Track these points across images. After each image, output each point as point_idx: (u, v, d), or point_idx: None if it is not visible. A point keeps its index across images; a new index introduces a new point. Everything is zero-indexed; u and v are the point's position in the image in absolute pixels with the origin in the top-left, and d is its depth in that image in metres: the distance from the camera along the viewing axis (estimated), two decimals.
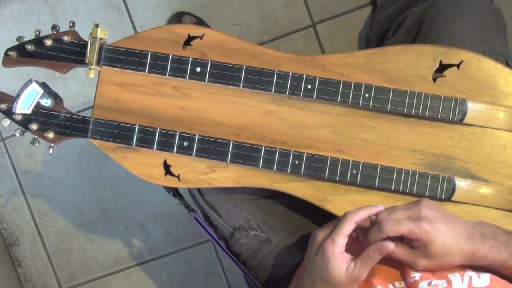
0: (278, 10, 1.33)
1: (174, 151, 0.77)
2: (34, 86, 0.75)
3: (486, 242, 0.65)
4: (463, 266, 0.66)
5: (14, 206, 1.40)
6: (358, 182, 0.75)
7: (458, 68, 0.75)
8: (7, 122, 0.78)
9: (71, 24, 0.79)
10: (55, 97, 0.78)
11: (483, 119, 0.75)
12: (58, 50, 0.78)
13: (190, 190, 0.90)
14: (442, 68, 0.76)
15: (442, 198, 0.75)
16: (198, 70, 0.77)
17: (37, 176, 1.39)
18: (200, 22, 1.32)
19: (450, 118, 0.75)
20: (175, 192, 0.89)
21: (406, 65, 0.76)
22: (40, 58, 0.78)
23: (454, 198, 0.75)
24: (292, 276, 0.80)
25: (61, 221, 1.40)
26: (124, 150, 0.78)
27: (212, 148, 0.77)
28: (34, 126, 0.78)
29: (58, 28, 0.78)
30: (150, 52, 0.77)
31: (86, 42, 0.78)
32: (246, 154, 0.76)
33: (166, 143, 0.77)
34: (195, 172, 0.78)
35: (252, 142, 0.77)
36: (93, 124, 0.78)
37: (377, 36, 1.12)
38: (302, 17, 1.34)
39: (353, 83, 0.75)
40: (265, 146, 0.76)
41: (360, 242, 0.70)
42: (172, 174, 0.78)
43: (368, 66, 0.77)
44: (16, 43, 0.79)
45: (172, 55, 0.77)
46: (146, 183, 0.80)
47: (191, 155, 0.77)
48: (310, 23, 1.34)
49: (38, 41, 0.78)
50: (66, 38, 0.78)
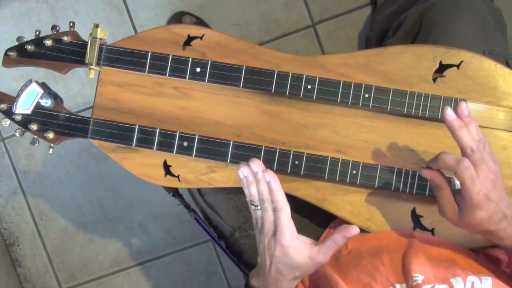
0: (278, 10, 1.33)
1: (174, 151, 0.77)
2: (34, 86, 0.75)
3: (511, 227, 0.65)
4: (466, 270, 0.66)
5: (14, 206, 1.40)
6: (358, 182, 0.75)
7: (458, 68, 0.75)
8: (7, 122, 0.78)
9: (71, 24, 0.79)
10: (55, 97, 0.78)
11: (483, 119, 0.75)
12: (58, 50, 0.78)
13: (190, 190, 0.90)
14: (442, 68, 0.76)
15: None
16: (198, 70, 0.77)
17: (37, 176, 1.39)
18: (200, 22, 1.32)
19: None
20: (175, 192, 0.89)
21: (406, 65, 0.76)
22: (40, 58, 0.78)
23: None
24: None
25: (61, 221, 1.40)
26: (124, 150, 0.78)
27: (212, 148, 0.77)
28: (34, 126, 0.78)
29: (58, 28, 0.78)
30: (150, 52, 0.77)
31: (86, 42, 0.78)
32: (246, 154, 0.76)
33: (166, 143, 0.77)
34: (195, 172, 0.78)
35: (252, 142, 0.77)
36: (93, 124, 0.78)
37: (377, 36, 1.12)
38: (302, 17, 1.34)
39: (353, 83, 0.75)
40: (265, 146, 0.76)
41: None
42: (172, 174, 0.78)
43: (368, 66, 0.77)
44: (16, 43, 0.79)
45: (172, 55, 0.77)
46: (146, 183, 0.80)
47: (191, 155, 0.77)
48: (310, 23, 1.34)
49: (38, 41, 0.78)
50: (66, 38, 0.78)
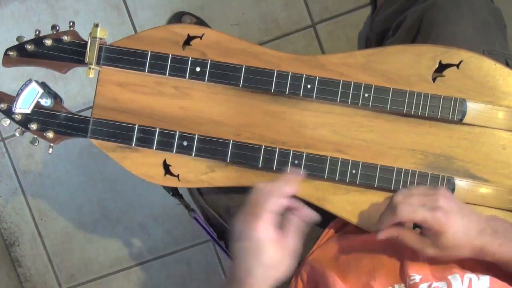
0: (278, 10, 1.33)
1: (174, 151, 0.77)
2: (33, 85, 0.75)
3: (497, 239, 0.64)
4: (463, 268, 0.66)
5: (14, 206, 1.40)
6: (357, 182, 0.75)
7: (458, 68, 0.75)
8: (7, 122, 0.78)
9: (71, 24, 0.79)
10: (55, 97, 0.78)
11: (483, 119, 0.75)
12: (58, 50, 0.78)
13: (190, 190, 0.90)
14: (442, 68, 0.76)
15: None
16: (198, 69, 0.77)
17: (37, 176, 1.39)
18: (200, 22, 1.32)
19: (450, 118, 0.75)
20: (175, 192, 0.89)
21: (406, 65, 0.76)
22: (40, 58, 0.79)
23: None
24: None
25: (61, 221, 1.40)
26: (124, 149, 0.78)
27: (211, 147, 0.77)
28: (34, 126, 0.78)
29: (58, 28, 0.78)
30: (149, 52, 0.77)
31: (86, 42, 0.78)
32: (245, 154, 0.76)
33: (165, 143, 0.77)
34: (195, 172, 0.78)
35: (251, 142, 0.77)
36: (93, 124, 0.78)
37: (377, 36, 1.12)
38: (302, 17, 1.34)
39: (352, 83, 0.75)
40: (264, 146, 0.76)
41: None
42: (171, 174, 0.78)
43: (367, 66, 0.77)
44: (16, 43, 0.79)
45: (171, 55, 0.77)
46: (146, 183, 0.80)
47: (191, 155, 0.77)
48: (310, 23, 1.34)
49: (38, 41, 0.78)
50: (66, 38, 0.78)
